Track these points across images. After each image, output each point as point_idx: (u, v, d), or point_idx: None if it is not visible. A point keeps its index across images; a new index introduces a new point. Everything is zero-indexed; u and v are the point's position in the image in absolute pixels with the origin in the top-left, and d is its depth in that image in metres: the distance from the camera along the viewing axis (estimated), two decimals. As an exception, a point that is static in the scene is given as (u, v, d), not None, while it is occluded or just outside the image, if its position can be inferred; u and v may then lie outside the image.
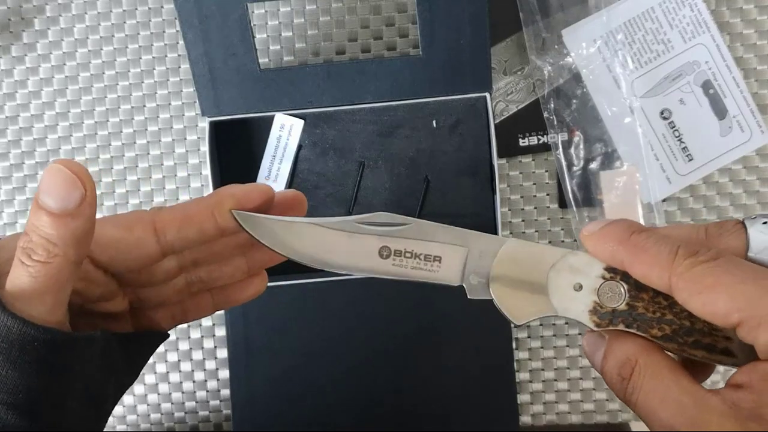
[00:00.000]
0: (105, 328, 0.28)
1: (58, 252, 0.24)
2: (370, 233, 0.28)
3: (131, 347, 0.30)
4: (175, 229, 0.28)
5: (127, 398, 0.53)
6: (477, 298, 0.28)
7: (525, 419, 0.53)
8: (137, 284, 0.30)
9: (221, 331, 0.53)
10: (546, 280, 0.26)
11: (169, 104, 0.52)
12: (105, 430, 0.29)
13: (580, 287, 0.26)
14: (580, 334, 0.53)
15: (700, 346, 0.25)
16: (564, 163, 0.51)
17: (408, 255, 0.28)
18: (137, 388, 0.53)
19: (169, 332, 0.34)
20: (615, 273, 0.26)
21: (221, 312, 0.53)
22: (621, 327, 0.26)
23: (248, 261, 0.33)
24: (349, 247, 0.28)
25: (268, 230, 0.28)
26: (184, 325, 0.53)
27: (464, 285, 0.28)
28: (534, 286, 0.27)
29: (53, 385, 0.25)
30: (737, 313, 0.23)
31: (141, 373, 0.54)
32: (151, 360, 0.53)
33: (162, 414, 0.54)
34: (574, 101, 0.51)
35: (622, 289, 0.26)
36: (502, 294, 0.27)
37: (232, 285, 0.33)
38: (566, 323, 0.53)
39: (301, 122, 0.49)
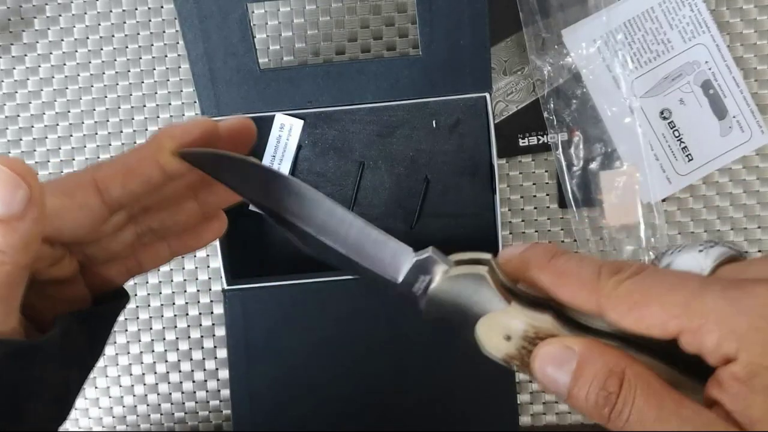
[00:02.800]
0: (56, 295, 0.27)
1: (6, 260, 0.22)
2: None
3: (92, 324, 0.29)
4: (119, 184, 0.26)
5: (126, 398, 0.53)
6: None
7: (525, 419, 0.53)
8: (84, 243, 0.28)
9: (221, 331, 0.53)
10: (476, 328, 0.25)
11: (169, 104, 0.52)
12: (105, 430, 0.28)
13: (509, 338, 0.25)
14: (580, 334, 0.53)
15: None
16: (564, 163, 0.51)
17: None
18: (137, 388, 0.53)
19: (128, 296, 0.32)
20: (538, 330, 0.24)
21: (221, 312, 0.53)
22: None
23: (201, 204, 0.31)
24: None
25: (222, 166, 0.27)
26: (184, 325, 0.53)
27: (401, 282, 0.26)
28: (463, 325, 0.26)
29: (12, 396, 0.24)
30: (674, 321, 0.21)
31: (140, 373, 0.54)
32: (150, 360, 0.53)
33: (162, 414, 0.54)
34: (574, 101, 0.51)
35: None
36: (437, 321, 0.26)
37: (188, 231, 0.31)
38: (566, 323, 0.53)
39: (301, 122, 0.49)
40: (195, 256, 0.53)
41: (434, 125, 0.50)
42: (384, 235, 0.27)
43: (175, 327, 0.53)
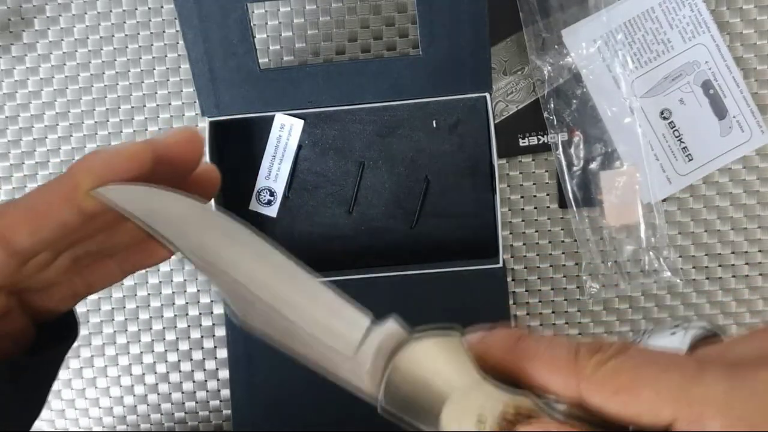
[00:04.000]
0: None
1: None
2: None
3: (31, 374, 0.25)
4: (26, 233, 0.22)
5: (126, 398, 0.53)
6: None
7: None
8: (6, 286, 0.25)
9: (221, 331, 0.53)
10: (442, 413, 0.21)
11: (169, 104, 0.52)
12: (105, 430, 0.27)
13: (483, 421, 0.21)
14: (580, 334, 0.53)
15: None
16: (564, 163, 0.51)
17: None
18: (137, 388, 0.53)
19: (76, 329, 0.29)
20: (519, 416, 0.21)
21: (221, 312, 0.53)
22: None
23: None
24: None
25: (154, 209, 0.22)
26: (184, 325, 0.53)
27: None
28: (423, 416, 0.22)
29: None
30: (668, 408, 0.19)
31: (141, 373, 0.54)
32: (150, 360, 0.53)
33: (162, 414, 0.54)
34: (574, 101, 0.51)
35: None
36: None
37: (135, 247, 0.27)
38: (566, 323, 0.53)
39: (301, 122, 0.49)
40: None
41: (434, 125, 0.50)
42: (340, 299, 0.23)
43: (175, 327, 0.53)
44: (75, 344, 0.29)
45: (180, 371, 0.53)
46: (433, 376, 0.21)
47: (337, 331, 0.23)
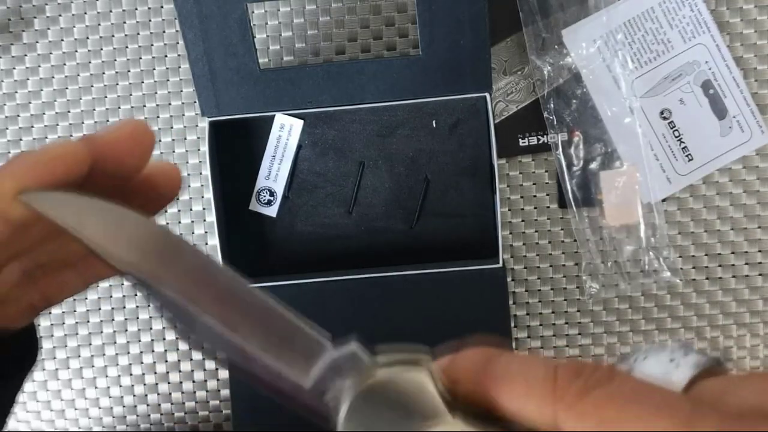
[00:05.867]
0: None
1: None
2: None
3: None
4: None
5: (126, 398, 0.53)
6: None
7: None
8: None
9: (221, 331, 0.53)
10: None
11: (169, 104, 0.52)
12: (105, 430, 0.25)
13: None
14: (579, 334, 0.53)
15: None
16: (564, 163, 0.51)
17: None
18: (137, 388, 0.53)
19: (35, 350, 0.26)
20: None
21: (221, 312, 0.53)
22: None
23: None
24: None
25: (83, 217, 0.20)
26: (184, 325, 0.53)
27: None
28: None
29: None
30: None
31: (140, 373, 0.54)
32: (150, 360, 0.53)
33: (162, 414, 0.54)
34: (574, 101, 0.51)
35: None
36: None
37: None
38: (566, 323, 0.53)
39: (301, 122, 0.49)
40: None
41: (434, 125, 0.50)
42: (296, 322, 0.21)
43: (176, 327, 0.53)
44: (75, 344, 0.28)
45: (180, 371, 0.53)
46: (395, 413, 0.20)
47: (291, 358, 0.21)
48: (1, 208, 0.20)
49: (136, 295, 0.53)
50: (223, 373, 0.53)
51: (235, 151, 0.50)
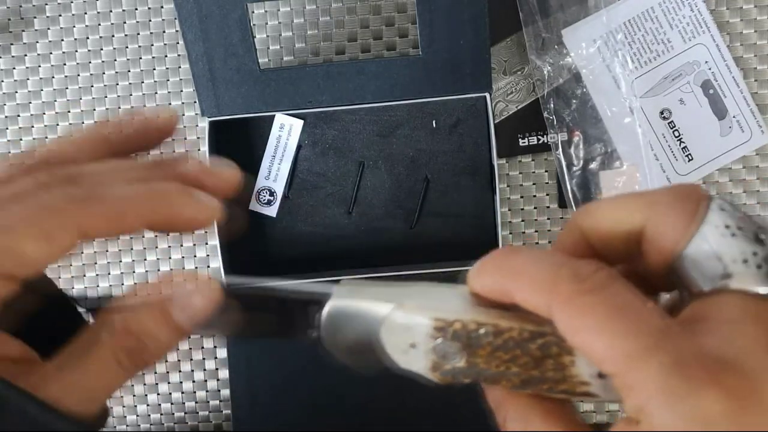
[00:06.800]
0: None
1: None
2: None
3: None
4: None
5: (127, 398, 0.53)
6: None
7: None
8: None
9: (221, 331, 0.53)
10: (380, 341, 0.23)
11: (169, 104, 0.52)
12: (105, 430, 0.26)
13: (415, 346, 0.23)
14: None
15: (556, 391, 0.22)
16: (564, 163, 0.51)
17: None
18: (137, 388, 0.53)
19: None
20: (444, 331, 0.22)
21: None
22: (467, 382, 0.23)
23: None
24: None
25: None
26: (184, 325, 0.53)
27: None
28: (370, 347, 0.24)
29: None
30: (611, 365, 0.19)
31: (140, 373, 0.54)
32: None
33: (162, 414, 0.54)
34: (574, 101, 0.51)
35: (455, 348, 0.23)
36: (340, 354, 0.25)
37: None
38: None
39: (301, 122, 0.49)
40: (195, 256, 0.53)
41: (434, 125, 0.50)
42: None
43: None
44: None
45: (180, 371, 0.53)
46: (365, 310, 0.23)
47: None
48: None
49: (136, 294, 0.53)
50: (223, 373, 0.53)
51: (235, 151, 0.50)
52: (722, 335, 0.19)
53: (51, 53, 0.52)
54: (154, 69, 0.52)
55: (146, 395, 0.53)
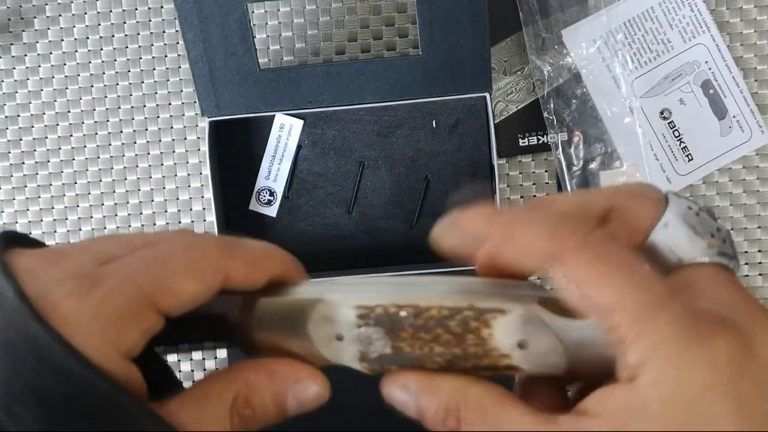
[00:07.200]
0: None
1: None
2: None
3: None
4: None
5: (127, 398, 0.53)
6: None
7: None
8: None
9: (221, 331, 0.53)
10: (309, 336, 0.24)
11: (169, 104, 0.52)
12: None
13: (341, 337, 0.24)
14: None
15: (480, 368, 0.23)
16: (564, 163, 0.51)
17: None
18: (137, 388, 0.53)
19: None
20: (367, 318, 0.23)
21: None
22: (394, 368, 0.24)
23: None
24: None
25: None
26: (184, 325, 0.53)
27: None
28: (301, 343, 0.24)
29: None
30: (620, 315, 0.20)
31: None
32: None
33: (162, 414, 0.54)
34: (574, 101, 0.51)
35: (379, 334, 0.23)
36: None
37: None
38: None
39: (301, 122, 0.49)
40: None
41: (434, 125, 0.50)
42: None
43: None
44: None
45: (180, 371, 0.53)
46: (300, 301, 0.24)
47: None
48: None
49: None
50: (223, 373, 0.53)
51: (235, 151, 0.50)
52: (710, 299, 0.21)
53: (51, 53, 0.52)
54: (154, 69, 0.52)
55: (146, 395, 0.53)
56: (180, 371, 0.53)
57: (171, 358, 0.53)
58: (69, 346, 0.19)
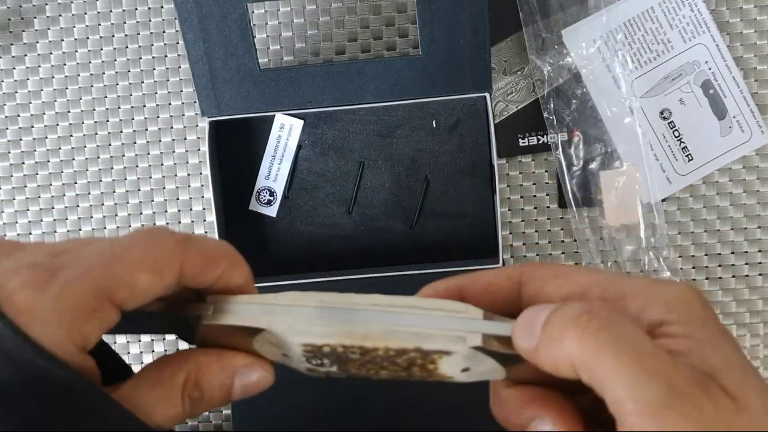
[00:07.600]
0: None
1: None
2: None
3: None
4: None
5: (127, 398, 0.53)
6: None
7: None
8: None
9: (221, 331, 0.53)
10: (257, 350, 0.25)
11: (169, 104, 0.52)
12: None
13: (288, 356, 0.25)
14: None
15: (423, 381, 0.25)
16: (564, 163, 0.51)
17: None
18: (137, 388, 0.53)
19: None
20: (314, 353, 0.24)
21: (221, 312, 0.53)
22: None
23: None
24: None
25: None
26: (184, 325, 0.53)
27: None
28: (249, 349, 0.25)
29: None
30: (635, 414, 0.19)
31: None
32: (150, 360, 0.53)
33: (162, 414, 0.54)
34: (574, 101, 0.51)
35: (328, 360, 0.24)
36: None
37: None
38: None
39: (301, 122, 0.49)
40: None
41: (434, 125, 0.50)
42: None
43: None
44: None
45: (128, 353, 0.53)
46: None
47: None
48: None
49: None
50: (223, 373, 0.53)
51: (235, 151, 0.50)
52: (688, 347, 0.22)
53: (51, 53, 0.52)
54: (154, 69, 0.52)
55: (146, 395, 0.53)
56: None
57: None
58: (23, 335, 0.19)
